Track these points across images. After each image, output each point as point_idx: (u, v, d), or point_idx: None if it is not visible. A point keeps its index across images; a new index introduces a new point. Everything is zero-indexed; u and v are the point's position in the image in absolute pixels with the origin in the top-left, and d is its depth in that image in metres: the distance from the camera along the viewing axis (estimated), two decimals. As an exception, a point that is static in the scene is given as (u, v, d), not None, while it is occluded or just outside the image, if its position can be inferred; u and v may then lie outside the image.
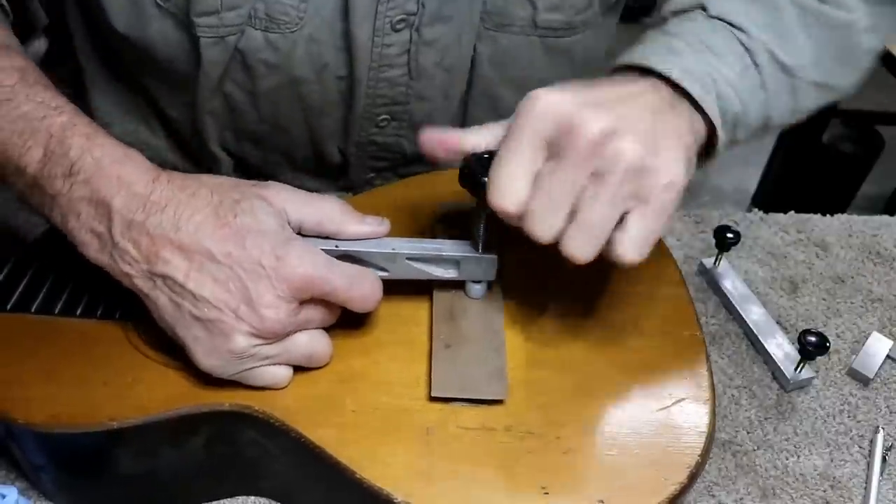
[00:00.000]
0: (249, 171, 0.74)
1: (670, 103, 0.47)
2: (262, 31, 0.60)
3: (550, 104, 0.43)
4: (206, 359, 0.47)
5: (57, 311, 0.54)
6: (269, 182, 0.50)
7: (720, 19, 0.51)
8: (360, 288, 0.48)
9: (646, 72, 0.48)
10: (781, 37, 0.51)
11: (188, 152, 0.75)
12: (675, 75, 0.46)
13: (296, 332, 0.48)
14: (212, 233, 0.45)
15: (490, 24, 0.65)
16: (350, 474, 0.46)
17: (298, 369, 0.50)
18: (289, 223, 0.49)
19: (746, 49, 0.50)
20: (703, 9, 0.52)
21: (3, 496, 0.49)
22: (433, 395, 0.49)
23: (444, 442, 0.48)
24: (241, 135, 0.71)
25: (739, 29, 0.50)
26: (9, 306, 0.54)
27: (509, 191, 0.44)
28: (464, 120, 0.73)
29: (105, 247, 0.46)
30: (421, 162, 0.75)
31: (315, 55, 0.62)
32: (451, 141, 0.50)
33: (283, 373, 0.49)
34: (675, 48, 0.49)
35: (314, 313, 0.49)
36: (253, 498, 0.55)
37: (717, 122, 0.48)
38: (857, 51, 0.56)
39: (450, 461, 0.47)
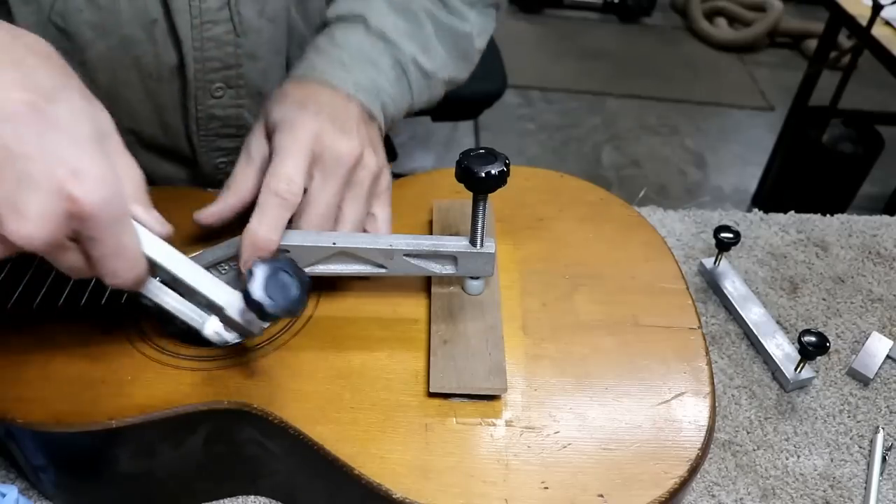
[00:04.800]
0: None
1: (359, 111, 0.57)
2: None
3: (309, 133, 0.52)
4: None
5: (57, 310, 0.53)
6: (99, 101, 0.42)
7: (378, 34, 0.61)
8: (120, 264, 0.41)
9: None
10: (423, 48, 0.63)
11: None
12: (351, 91, 0.57)
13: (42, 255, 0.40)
14: (9, 105, 0.36)
15: None
16: (349, 470, 0.46)
17: (297, 365, 0.50)
18: None
19: (399, 61, 0.61)
20: (364, 21, 0.61)
21: (3, 495, 0.49)
22: (432, 390, 0.49)
23: (443, 437, 0.48)
24: None
25: (393, 44, 0.61)
26: (9, 306, 0.54)
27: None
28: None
29: None
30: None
31: (141, 10, 0.59)
32: (208, 215, 0.54)
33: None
34: (346, 64, 0.58)
35: (72, 258, 0.40)
36: (252, 497, 0.55)
37: (381, 121, 0.59)
38: (472, 51, 0.69)
39: (449, 457, 0.47)
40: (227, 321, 0.46)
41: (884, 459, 0.60)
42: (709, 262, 0.74)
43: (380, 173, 0.56)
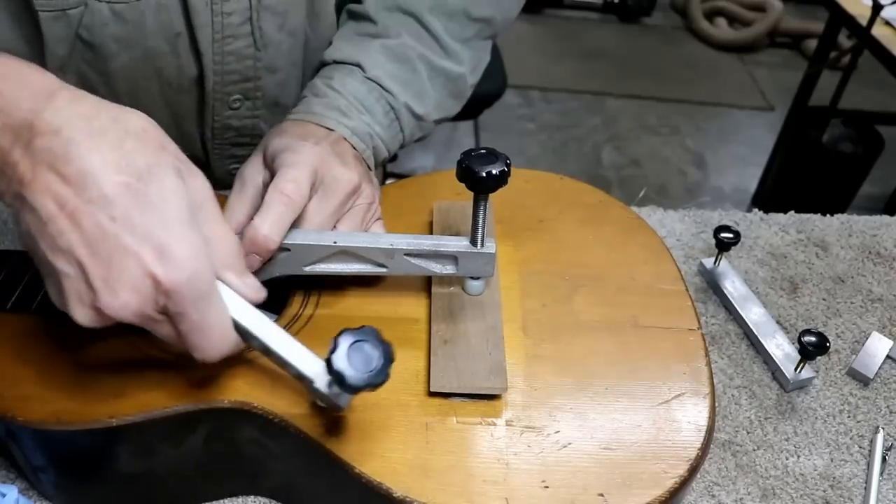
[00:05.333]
0: None
1: (353, 152, 0.60)
2: (107, 3, 0.57)
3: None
4: (51, 296, 0.43)
5: (56, 309, 0.53)
6: (199, 171, 0.44)
7: (374, 81, 0.63)
8: (203, 341, 0.43)
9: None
10: (417, 94, 0.65)
11: None
12: (347, 135, 0.60)
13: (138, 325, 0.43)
14: (104, 187, 0.39)
15: None
16: (349, 469, 0.46)
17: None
18: None
19: (392, 107, 0.64)
20: (361, 68, 0.64)
21: (3, 495, 0.49)
22: (432, 390, 0.49)
23: (444, 437, 0.48)
24: None
25: (388, 91, 0.64)
26: (8, 305, 0.54)
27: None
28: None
29: None
30: None
31: (166, 24, 0.60)
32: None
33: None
34: (343, 109, 0.61)
35: (163, 329, 0.43)
36: (252, 497, 0.55)
37: (371, 163, 0.62)
38: (465, 90, 0.71)
39: (449, 456, 0.47)
40: (316, 394, 0.46)
41: (884, 459, 0.60)
42: (709, 262, 0.74)
43: (374, 202, 0.58)
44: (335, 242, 0.52)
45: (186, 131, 0.71)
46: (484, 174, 0.48)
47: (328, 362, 0.42)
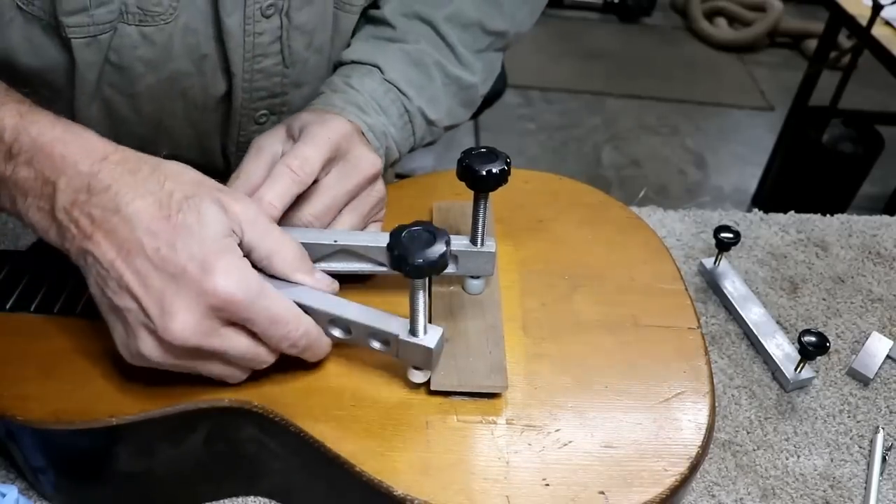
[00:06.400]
0: None
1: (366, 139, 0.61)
2: (136, 26, 0.58)
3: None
4: (122, 349, 0.46)
5: (56, 310, 0.53)
6: (242, 195, 0.49)
7: (391, 83, 0.65)
8: (282, 329, 0.46)
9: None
10: (431, 100, 0.67)
11: None
12: (364, 130, 0.61)
13: (211, 353, 0.45)
14: (147, 223, 0.43)
15: (338, 5, 0.67)
16: (350, 468, 0.46)
17: (297, 364, 0.50)
18: (240, 243, 0.47)
19: (407, 110, 0.65)
20: (380, 69, 0.65)
21: (3, 495, 0.49)
22: (433, 388, 0.49)
23: (444, 435, 0.48)
24: (123, 142, 0.68)
25: (404, 94, 0.65)
26: (8, 305, 0.54)
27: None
28: None
29: (51, 226, 0.45)
30: None
31: (193, 46, 0.61)
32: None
33: (228, 373, 0.48)
34: (361, 105, 0.62)
35: (237, 341, 0.46)
36: (252, 498, 0.55)
37: (382, 163, 0.60)
38: (475, 98, 0.73)
39: (450, 454, 0.47)
40: (404, 349, 0.48)
41: (884, 459, 0.60)
42: (709, 262, 0.74)
43: (383, 199, 0.59)
44: (335, 241, 0.52)
45: (210, 147, 0.72)
46: (484, 173, 0.49)
47: (389, 248, 0.44)
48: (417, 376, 0.50)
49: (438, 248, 0.44)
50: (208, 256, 0.43)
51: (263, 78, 0.65)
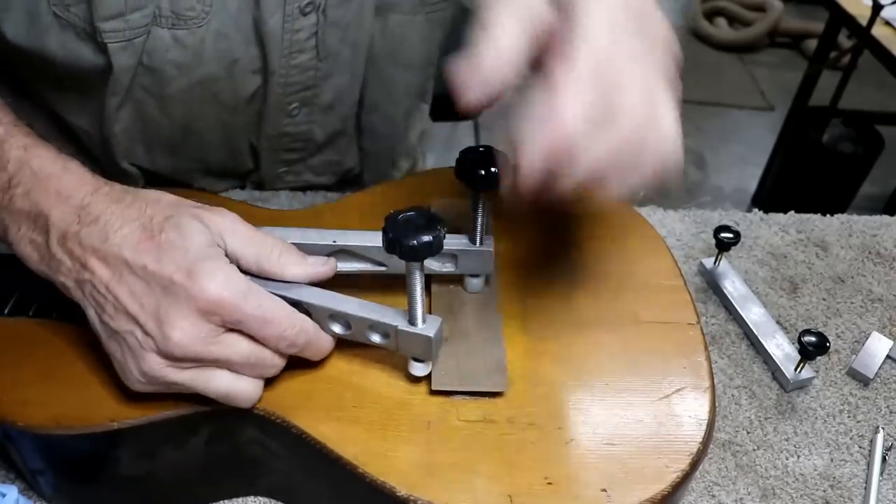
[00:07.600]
0: (160, 183, 0.72)
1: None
2: (169, 30, 0.59)
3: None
4: (124, 376, 0.47)
5: (55, 314, 0.53)
6: (218, 208, 0.49)
7: None
8: (277, 328, 0.46)
9: None
10: None
11: (96, 169, 0.73)
12: None
13: (215, 361, 0.46)
14: (134, 245, 0.45)
15: (381, 4, 0.67)
16: (352, 469, 0.46)
17: (297, 365, 0.50)
18: (225, 253, 0.47)
19: None
20: None
21: (3, 495, 0.49)
22: (434, 388, 0.49)
23: (446, 435, 0.48)
24: (153, 145, 0.70)
25: None
26: (7, 310, 0.54)
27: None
28: (361, 105, 0.75)
29: (44, 258, 0.47)
30: (330, 147, 0.77)
31: (224, 50, 0.62)
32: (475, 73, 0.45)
33: (241, 385, 0.47)
34: None
35: (238, 346, 0.46)
36: (252, 498, 0.55)
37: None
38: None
39: (452, 454, 0.47)
40: (403, 340, 0.48)
41: (884, 459, 0.60)
42: (709, 262, 0.74)
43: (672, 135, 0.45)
44: (334, 241, 0.52)
45: (238, 147, 0.72)
46: (484, 172, 0.49)
47: (384, 231, 0.44)
48: (418, 369, 0.50)
49: (433, 231, 0.44)
50: (193, 264, 0.44)
51: (298, 73, 0.66)
